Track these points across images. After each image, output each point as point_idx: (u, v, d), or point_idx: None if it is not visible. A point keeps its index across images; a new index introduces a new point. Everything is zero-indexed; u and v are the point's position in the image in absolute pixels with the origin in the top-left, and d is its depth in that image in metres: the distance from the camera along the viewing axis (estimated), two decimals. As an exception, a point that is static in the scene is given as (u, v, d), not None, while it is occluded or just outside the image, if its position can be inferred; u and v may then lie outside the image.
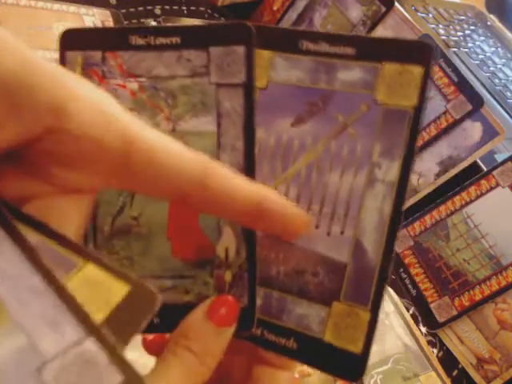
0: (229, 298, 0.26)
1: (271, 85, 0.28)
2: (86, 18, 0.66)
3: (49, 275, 0.17)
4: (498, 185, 0.61)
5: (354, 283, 0.27)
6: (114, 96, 0.27)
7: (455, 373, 0.59)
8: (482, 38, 0.92)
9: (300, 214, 0.24)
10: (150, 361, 0.30)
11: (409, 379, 0.56)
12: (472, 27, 0.93)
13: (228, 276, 0.27)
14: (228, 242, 0.27)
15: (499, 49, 0.93)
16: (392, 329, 0.59)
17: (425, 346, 0.59)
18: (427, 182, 0.64)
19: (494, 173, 0.61)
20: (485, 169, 0.64)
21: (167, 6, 0.76)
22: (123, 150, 0.19)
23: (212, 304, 0.26)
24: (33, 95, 0.17)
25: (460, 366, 0.59)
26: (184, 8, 0.78)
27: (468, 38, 0.88)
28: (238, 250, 0.27)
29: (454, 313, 0.60)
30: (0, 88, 0.17)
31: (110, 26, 0.66)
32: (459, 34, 0.87)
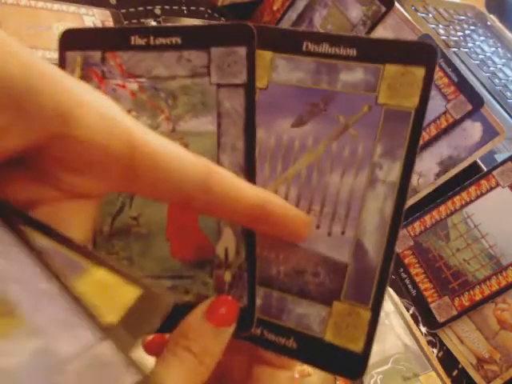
0: (228, 298, 0.26)
1: (271, 85, 0.28)
2: (86, 18, 0.66)
3: (59, 279, 0.17)
4: (498, 185, 0.61)
5: (355, 283, 0.27)
6: (114, 96, 0.27)
7: (455, 373, 0.59)
8: (482, 38, 0.92)
9: (302, 217, 0.24)
10: (151, 361, 0.30)
11: (409, 379, 0.55)
12: (472, 27, 0.93)
13: (227, 276, 0.27)
14: (227, 242, 0.27)
15: (499, 49, 0.93)
16: (392, 329, 0.59)
17: (425, 346, 0.59)
18: (427, 182, 0.64)
19: (494, 173, 0.61)
20: (485, 169, 0.64)
21: (167, 6, 0.76)
22: (127, 154, 0.20)
23: (211, 304, 0.26)
24: (39, 101, 0.17)
25: (460, 366, 0.59)
26: (184, 8, 0.78)
27: (468, 38, 0.88)
28: (237, 250, 0.27)
29: (454, 313, 0.60)
30: (7, 94, 0.17)
31: (110, 26, 0.66)
32: (459, 33, 0.87)
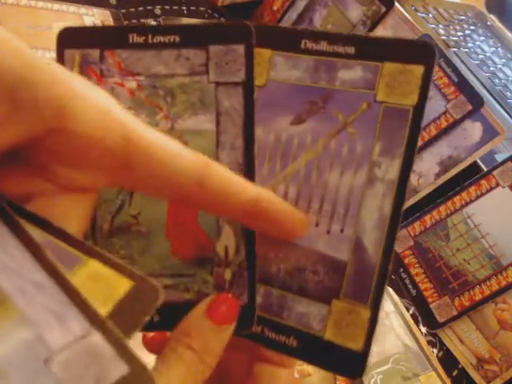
0: (228, 296, 0.26)
1: (270, 83, 0.28)
2: (86, 18, 0.66)
3: (53, 270, 0.18)
4: (498, 185, 0.61)
5: (354, 281, 0.27)
6: (112, 95, 0.27)
7: (455, 373, 0.59)
8: (482, 38, 0.92)
9: (298, 214, 0.24)
10: (151, 360, 0.30)
11: (409, 379, 0.55)
12: (472, 27, 0.93)
13: (228, 274, 0.27)
14: (228, 240, 0.27)
15: (499, 49, 0.93)
16: (392, 329, 0.59)
17: (425, 346, 0.59)
18: (427, 182, 0.64)
19: (494, 173, 0.61)
20: (485, 169, 0.64)
21: (167, 6, 0.76)
22: (122, 147, 0.20)
23: (212, 302, 0.26)
24: (35, 95, 0.18)
25: (460, 366, 0.59)
26: (184, 8, 0.78)
27: (468, 38, 0.88)
28: (237, 248, 0.27)
29: (454, 313, 0.60)
30: (3, 87, 0.17)
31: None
32: (459, 33, 0.87)
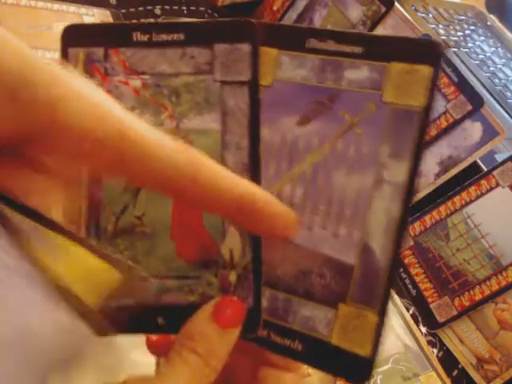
0: (234, 298, 0.26)
1: (276, 82, 0.28)
2: (86, 18, 0.66)
3: (39, 260, 0.18)
4: (498, 185, 0.61)
5: (362, 285, 0.26)
6: (117, 93, 0.27)
7: (455, 373, 0.59)
8: (482, 38, 0.92)
9: (289, 213, 0.23)
10: (153, 360, 0.30)
11: (409, 379, 0.56)
12: (472, 27, 0.93)
13: (233, 277, 0.26)
14: (233, 243, 0.26)
15: (499, 49, 0.93)
16: (392, 329, 0.59)
17: (425, 346, 0.59)
18: (427, 182, 0.64)
19: (494, 173, 0.61)
20: (485, 169, 0.64)
21: (167, 6, 0.76)
22: (117, 141, 0.20)
23: (217, 305, 0.25)
24: (35, 95, 0.18)
25: (460, 366, 0.59)
26: (184, 8, 0.78)
27: (468, 38, 0.88)
28: (243, 251, 0.26)
29: (454, 313, 0.60)
30: (3, 87, 0.17)
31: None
32: (459, 33, 0.87)
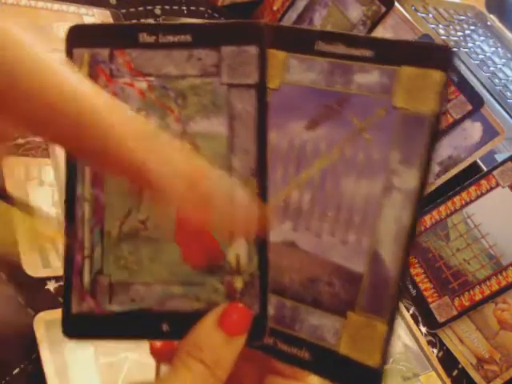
0: (240, 305, 0.25)
1: (284, 86, 0.27)
2: (86, 18, 0.66)
3: None
4: (498, 185, 0.61)
5: (371, 294, 0.26)
6: (122, 95, 0.27)
7: (455, 373, 0.59)
8: (482, 38, 0.92)
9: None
10: (150, 361, 0.30)
11: (409, 379, 0.55)
12: (472, 27, 0.93)
13: (239, 283, 0.26)
14: (239, 248, 0.26)
15: (499, 49, 0.93)
16: (392, 329, 0.59)
17: (425, 346, 0.59)
18: (427, 182, 0.64)
19: (494, 173, 0.61)
20: (485, 169, 0.64)
21: (167, 6, 0.76)
22: (75, 111, 0.20)
23: (223, 312, 0.25)
24: None
25: (460, 366, 0.59)
26: (184, 8, 0.78)
27: (468, 38, 0.88)
28: (249, 257, 0.25)
29: (454, 313, 0.60)
30: None
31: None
32: (459, 33, 0.87)
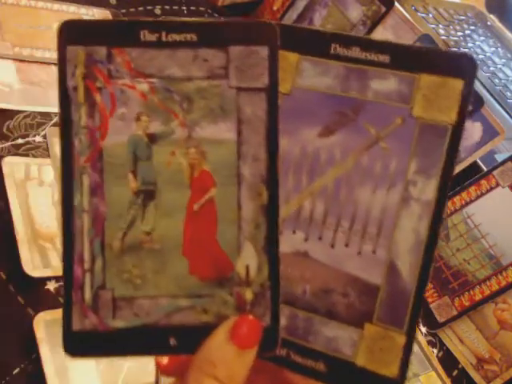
0: (250, 317, 0.25)
1: (296, 90, 0.26)
2: (86, 18, 0.66)
3: None
4: (498, 185, 0.61)
5: (388, 305, 0.25)
6: (122, 98, 0.25)
7: (455, 373, 0.59)
8: (482, 38, 0.92)
9: None
10: (150, 361, 0.30)
11: (409, 379, 0.55)
12: (472, 27, 0.93)
13: (249, 294, 0.25)
14: (249, 259, 0.25)
15: (499, 49, 0.93)
16: (392, 329, 0.59)
17: (425, 346, 0.59)
18: (427, 182, 0.64)
19: (494, 173, 0.61)
20: (485, 169, 0.64)
21: (167, 6, 0.76)
22: None
23: (235, 325, 0.24)
24: None
25: (460, 366, 0.59)
26: (184, 8, 0.78)
27: (468, 38, 0.88)
28: (259, 267, 0.25)
29: (454, 313, 0.60)
30: None
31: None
32: (459, 33, 0.87)
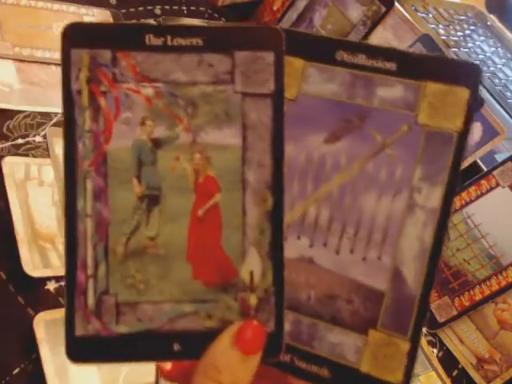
0: (254, 322, 0.25)
1: (302, 96, 0.27)
2: (86, 18, 0.66)
3: None
4: (498, 185, 0.61)
5: (393, 312, 0.25)
6: (127, 102, 0.25)
7: (455, 373, 0.59)
8: (482, 38, 0.92)
9: None
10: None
11: (409, 379, 0.55)
12: (472, 27, 0.93)
13: (253, 300, 0.25)
14: (253, 264, 0.25)
15: (499, 49, 0.93)
16: (392, 329, 0.59)
17: (425, 346, 0.59)
18: (427, 182, 0.64)
19: (494, 173, 0.61)
20: (485, 169, 0.64)
21: (167, 6, 0.76)
22: None
23: (239, 330, 0.24)
24: None
25: (460, 366, 0.59)
26: (184, 8, 0.78)
27: (468, 38, 0.88)
28: (263, 273, 0.25)
29: (454, 313, 0.60)
30: None
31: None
32: (459, 33, 0.87)
